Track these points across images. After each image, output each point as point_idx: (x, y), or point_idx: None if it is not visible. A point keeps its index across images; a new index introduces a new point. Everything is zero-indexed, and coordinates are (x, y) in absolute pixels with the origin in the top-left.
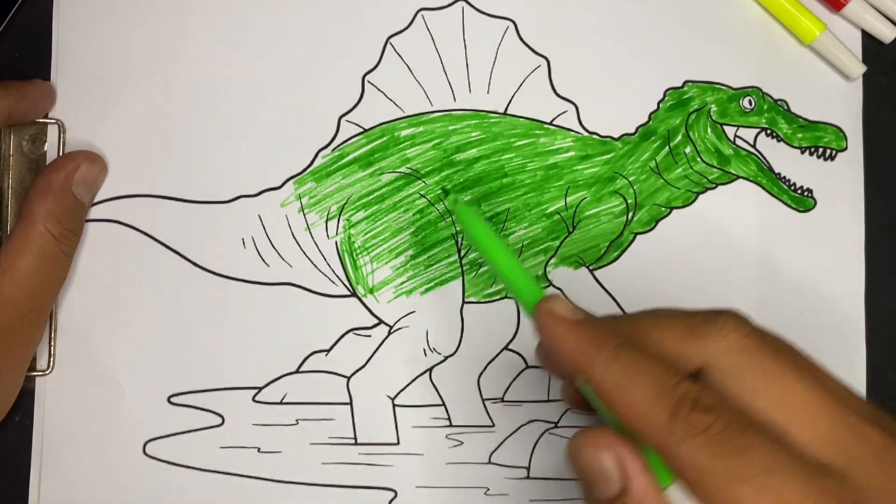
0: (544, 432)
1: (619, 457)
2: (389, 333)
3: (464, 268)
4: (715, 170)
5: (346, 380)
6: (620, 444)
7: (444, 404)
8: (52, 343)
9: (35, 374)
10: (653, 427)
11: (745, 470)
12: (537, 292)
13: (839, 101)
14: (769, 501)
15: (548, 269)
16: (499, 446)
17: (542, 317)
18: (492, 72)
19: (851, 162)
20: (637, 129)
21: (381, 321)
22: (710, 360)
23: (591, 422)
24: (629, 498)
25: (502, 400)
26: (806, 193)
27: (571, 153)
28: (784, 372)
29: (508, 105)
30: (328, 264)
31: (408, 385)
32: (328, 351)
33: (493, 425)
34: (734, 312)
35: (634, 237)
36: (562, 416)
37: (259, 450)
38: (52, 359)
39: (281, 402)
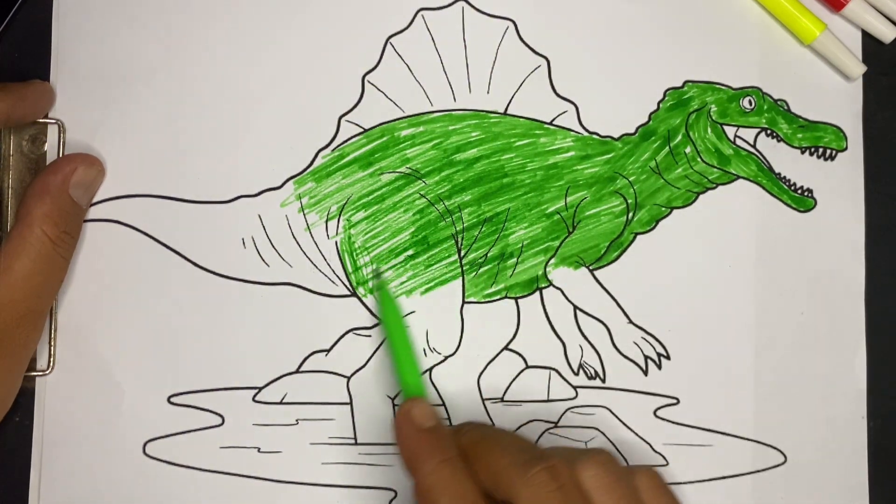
0: (544, 432)
1: None
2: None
3: (464, 268)
4: (715, 170)
5: (346, 380)
6: None
7: (444, 404)
8: (52, 343)
9: (35, 374)
10: None
11: None
12: (416, 391)
13: (839, 101)
14: None
15: (548, 269)
16: None
17: (399, 414)
18: (492, 72)
19: (851, 162)
20: (637, 129)
21: (381, 321)
22: (514, 500)
23: (590, 422)
24: None
25: (502, 400)
26: (806, 193)
27: (571, 153)
28: None
29: (508, 105)
30: (328, 264)
31: None
32: (328, 351)
33: (493, 425)
34: (548, 462)
35: (634, 237)
36: (561, 416)
37: (259, 450)
38: (52, 359)
39: (281, 402)
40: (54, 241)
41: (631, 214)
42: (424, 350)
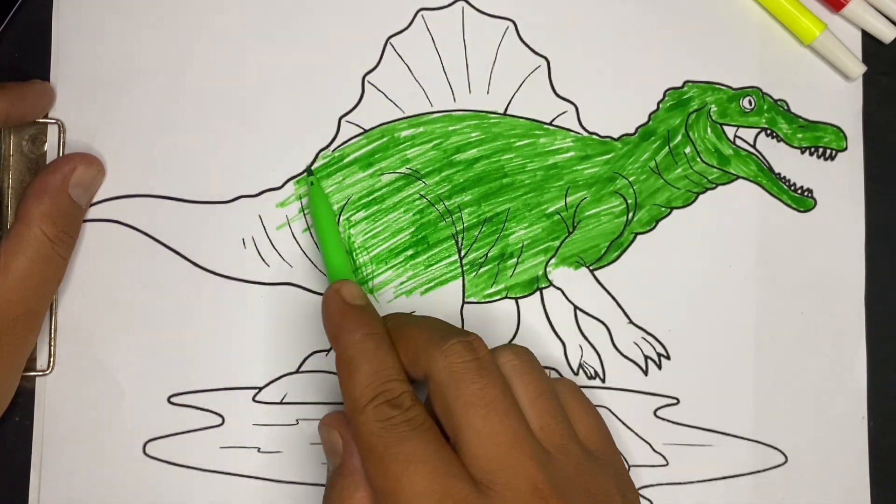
0: None
1: (344, 437)
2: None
3: (464, 268)
4: (715, 170)
5: None
6: (346, 427)
7: None
8: (52, 343)
9: (35, 374)
10: (354, 403)
11: (398, 457)
12: (344, 274)
13: (839, 101)
14: (406, 490)
15: (548, 269)
16: None
17: (329, 290)
18: (492, 72)
19: (851, 162)
20: (637, 129)
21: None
22: (430, 372)
23: None
24: (345, 470)
25: None
26: (806, 193)
27: (571, 153)
28: (474, 406)
29: (508, 105)
30: None
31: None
32: (328, 351)
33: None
34: (467, 336)
35: (634, 237)
36: None
37: (259, 450)
38: (52, 359)
39: (281, 402)
40: (53, 241)
41: (631, 214)
42: None
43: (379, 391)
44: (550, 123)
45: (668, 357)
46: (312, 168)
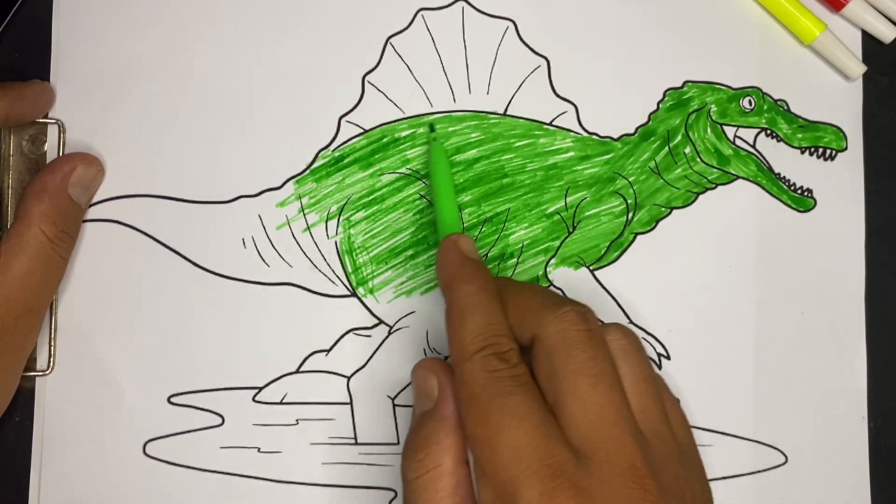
0: None
1: (441, 382)
2: (389, 333)
3: None
4: (715, 170)
5: (346, 380)
6: (445, 373)
7: None
8: (52, 343)
9: (35, 374)
10: (461, 349)
11: (503, 409)
12: (456, 228)
13: (839, 101)
14: (505, 443)
15: (548, 270)
16: None
17: (447, 241)
18: (492, 72)
19: (851, 162)
20: (637, 129)
21: (381, 321)
22: (540, 335)
23: None
24: (437, 414)
25: None
26: (806, 193)
27: (571, 153)
28: (580, 372)
29: (508, 105)
30: (328, 264)
31: (408, 385)
32: (328, 351)
33: None
34: (581, 307)
35: (634, 237)
36: None
37: (259, 450)
38: (52, 359)
39: (281, 402)
40: (52, 241)
41: (631, 215)
42: (424, 350)
43: (488, 342)
44: (550, 124)
45: (668, 357)
46: (433, 124)
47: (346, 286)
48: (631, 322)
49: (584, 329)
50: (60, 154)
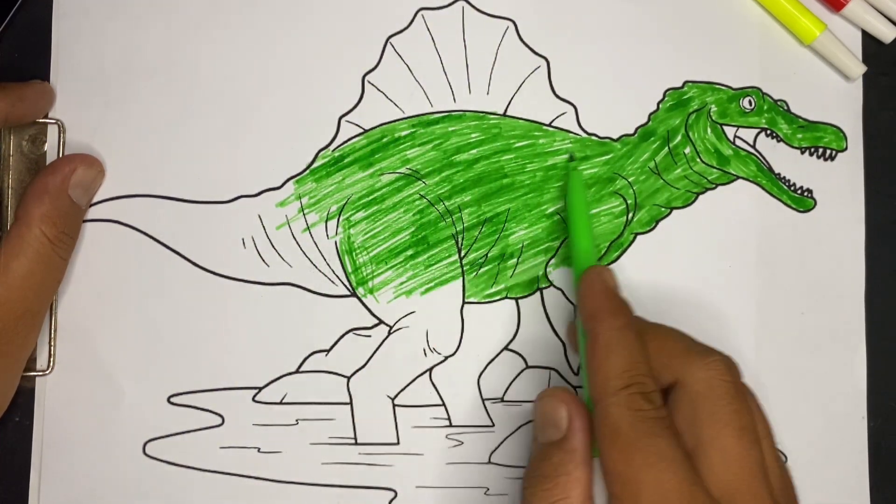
0: None
1: (571, 413)
2: (389, 333)
3: (464, 268)
4: (715, 170)
5: (346, 380)
6: (576, 405)
7: (444, 404)
8: (52, 343)
9: (35, 374)
10: (605, 385)
11: (649, 449)
12: (592, 261)
13: (839, 101)
14: (651, 484)
15: (548, 270)
16: (499, 446)
17: (592, 272)
18: (492, 72)
19: (851, 162)
20: (636, 129)
21: (381, 321)
22: (684, 380)
23: None
24: (567, 445)
25: (502, 400)
26: (806, 193)
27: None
28: (728, 424)
29: (508, 106)
30: (328, 264)
31: (408, 385)
32: (328, 351)
33: (493, 425)
34: (728, 358)
35: (634, 237)
36: None
37: (259, 450)
38: (52, 359)
39: (281, 402)
40: (53, 242)
41: (631, 215)
42: (424, 350)
43: (634, 380)
44: (550, 124)
45: None
46: (573, 155)
47: (346, 286)
48: None
49: (730, 380)
50: (60, 154)
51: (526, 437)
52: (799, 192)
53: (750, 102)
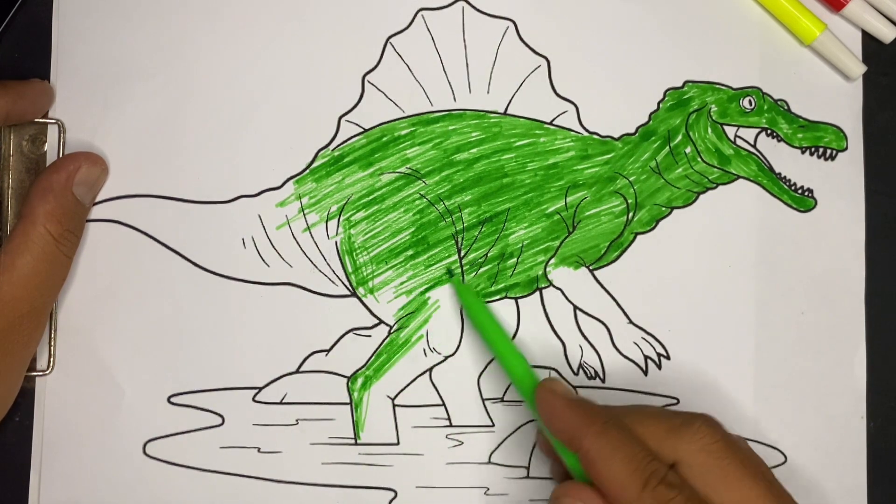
0: None
1: None
2: (389, 333)
3: (464, 268)
4: (715, 170)
5: (346, 380)
6: (594, 501)
7: (444, 404)
8: (52, 343)
9: (35, 374)
10: (625, 492)
11: None
12: (533, 377)
13: (839, 101)
14: None
15: (548, 269)
16: (499, 446)
17: (544, 393)
18: (492, 72)
19: (851, 162)
20: (637, 129)
21: (381, 321)
22: (682, 458)
23: None
24: None
25: (502, 400)
26: (806, 193)
27: (571, 153)
28: (742, 477)
29: (508, 105)
30: (328, 264)
31: (408, 385)
32: (328, 351)
33: (493, 425)
34: (708, 417)
35: (635, 237)
36: None
37: (259, 450)
38: (52, 359)
39: (281, 402)
40: (57, 240)
41: (631, 214)
42: (424, 350)
43: (648, 473)
44: (551, 123)
45: (668, 357)
46: (451, 270)
47: (346, 286)
48: (631, 322)
49: (722, 438)
50: (60, 154)
51: (526, 437)
52: (799, 191)
53: (750, 102)
